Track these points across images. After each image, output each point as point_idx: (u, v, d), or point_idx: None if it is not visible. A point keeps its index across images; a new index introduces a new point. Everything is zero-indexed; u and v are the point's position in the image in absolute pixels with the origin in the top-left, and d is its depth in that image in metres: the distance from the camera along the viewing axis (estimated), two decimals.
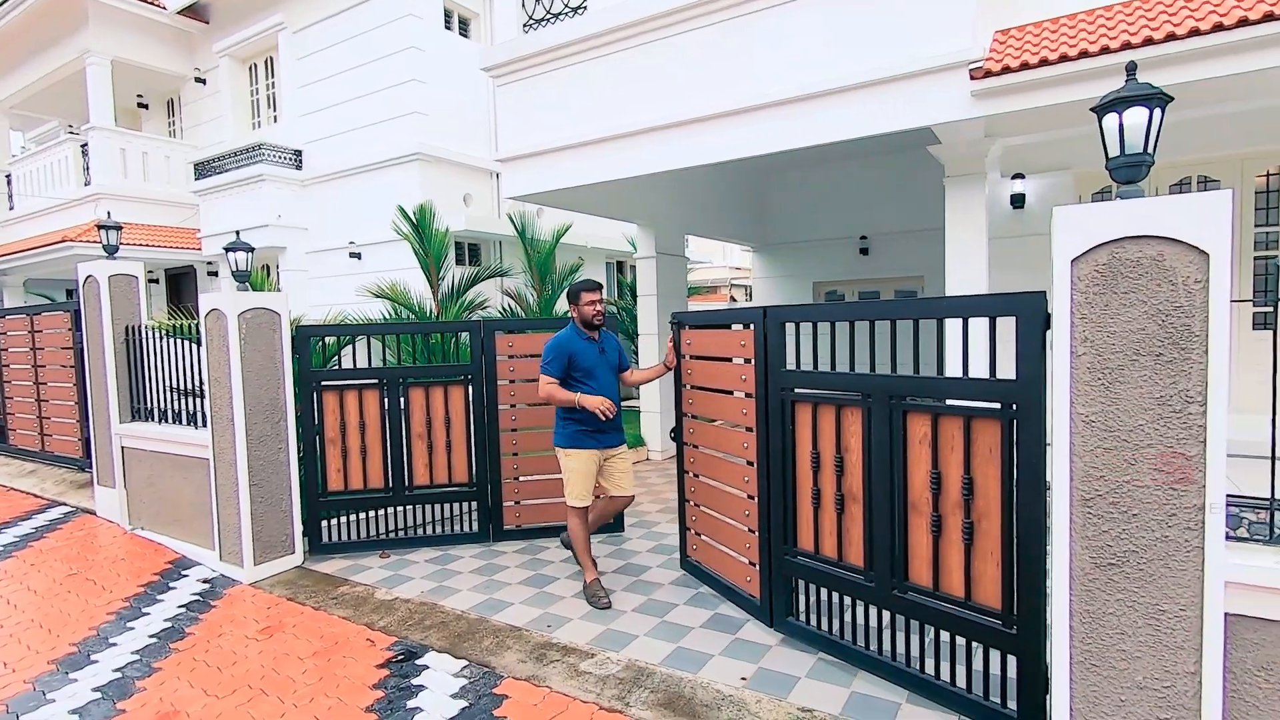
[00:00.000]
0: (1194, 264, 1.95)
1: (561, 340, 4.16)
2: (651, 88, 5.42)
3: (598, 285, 4.22)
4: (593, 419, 4.07)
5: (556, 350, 4.12)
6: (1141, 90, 2.09)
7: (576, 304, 4.18)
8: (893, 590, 3.06)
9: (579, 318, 4.18)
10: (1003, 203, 6.23)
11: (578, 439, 4.13)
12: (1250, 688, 2.00)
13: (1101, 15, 4.28)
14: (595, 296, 4.16)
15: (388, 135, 9.98)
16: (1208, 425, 1.96)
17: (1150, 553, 2.05)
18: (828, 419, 3.30)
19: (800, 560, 3.52)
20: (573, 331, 4.20)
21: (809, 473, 3.39)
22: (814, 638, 3.47)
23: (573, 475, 4.15)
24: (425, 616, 4.03)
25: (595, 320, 4.15)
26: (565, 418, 4.18)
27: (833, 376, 3.29)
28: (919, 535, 2.94)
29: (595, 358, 4.16)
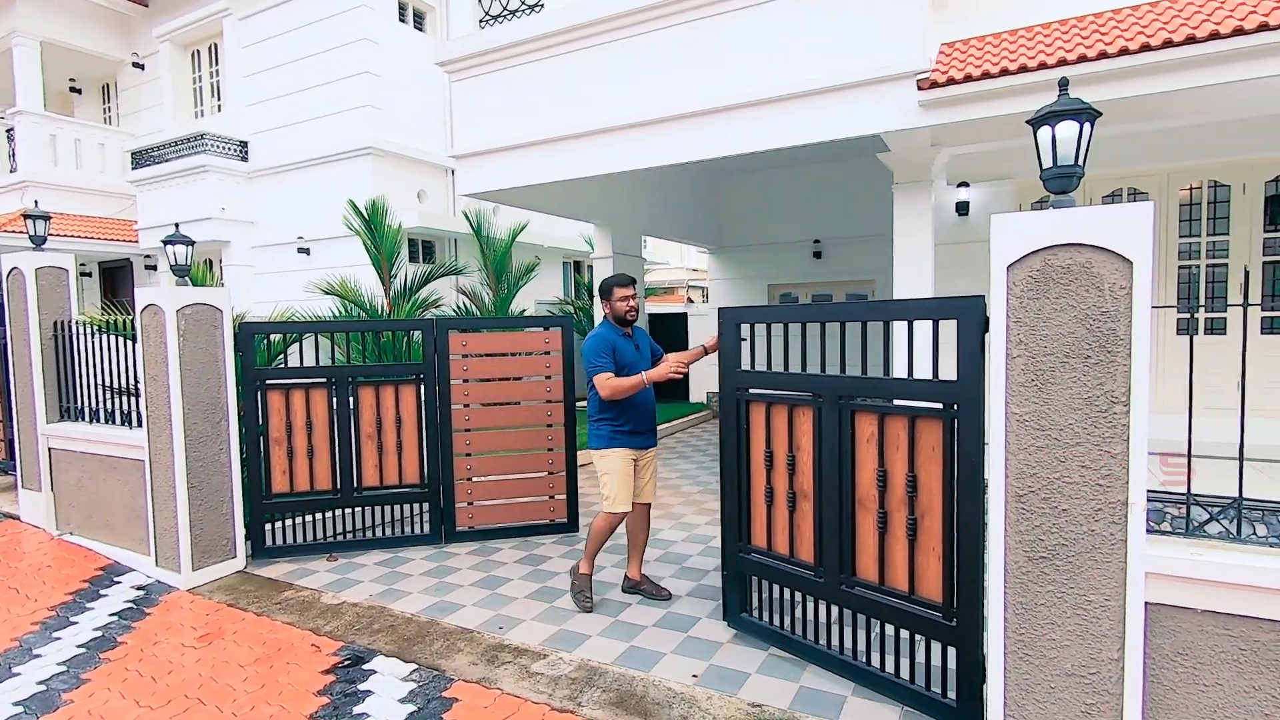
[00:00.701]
0: (1119, 271, 2.06)
1: (603, 335, 3.92)
2: (608, 88, 5.42)
3: (631, 280, 3.99)
4: (629, 418, 3.89)
5: (601, 344, 3.87)
6: (1072, 105, 2.19)
7: (609, 299, 3.96)
8: (841, 585, 3.13)
9: (612, 314, 3.97)
10: (949, 210, 6.44)
11: (614, 439, 3.90)
12: (1167, 672, 2.12)
13: (1041, 32, 4.47)
14: (629, 291, 3.93)
15: (339, 128, 9.74)
16: (1131, 424, 2.06)
17: (1078, 546, 2.15)
18: (780, 418, 3.36)
19: (754, 557, 3.58)
20: (608, 328, 3.97)
21: (763, 471, 3.45)
22: (767, 633, 3.53)
23: (610, 478, 3.90)
24: (374, 620, 3.95)
25: (629, 316, 3.93)
26: (599, 418, 3.94)
27: (786, 377, 3.35)
28: (866, 532, 3.02)
29: (633, 354, 3.96)
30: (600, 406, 3.93)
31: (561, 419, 5.31)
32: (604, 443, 3.93)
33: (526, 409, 5.34)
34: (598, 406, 3.94)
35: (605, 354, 3.84)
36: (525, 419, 5.34)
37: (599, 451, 3.95)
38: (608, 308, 3.99)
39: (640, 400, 3.94)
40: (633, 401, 3.90)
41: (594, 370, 3.84)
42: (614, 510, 3.93)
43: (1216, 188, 5.73)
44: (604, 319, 4.05)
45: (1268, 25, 3.50)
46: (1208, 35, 3.60)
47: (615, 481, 3.90)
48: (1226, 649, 2.05)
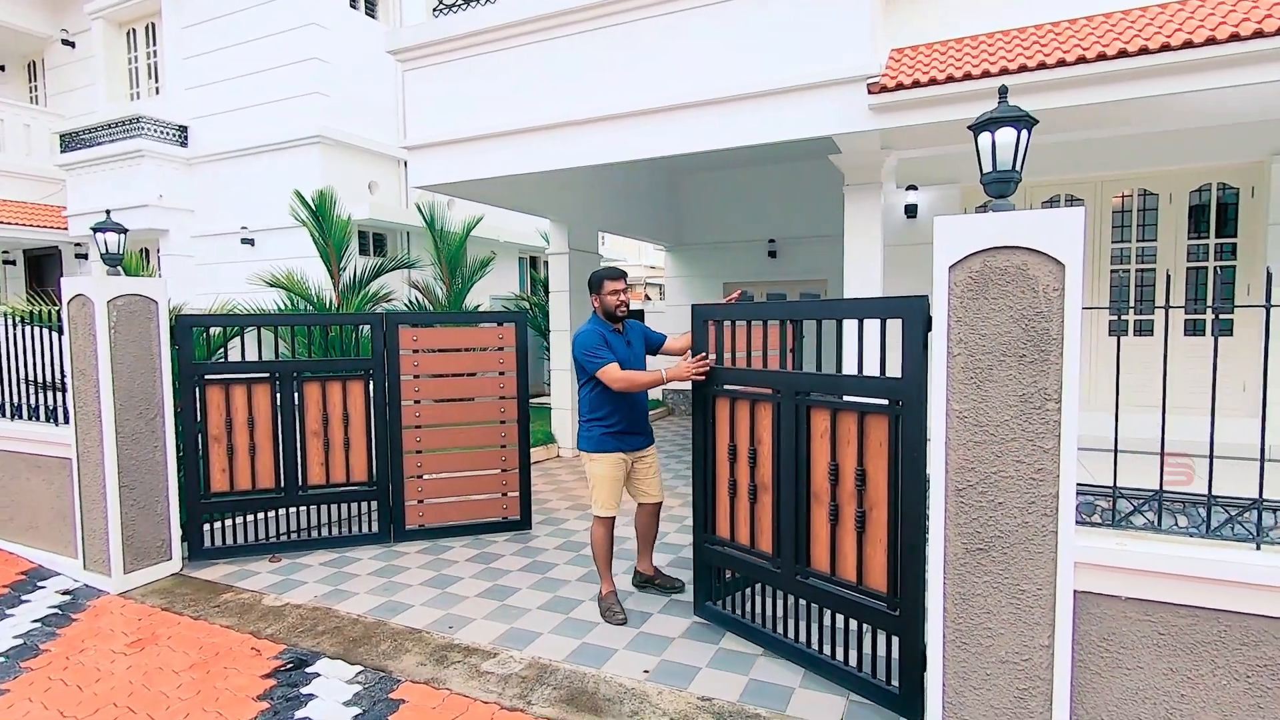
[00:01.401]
0: (1052, 273, 2.14)
1: (594, 330, 3.75)
2: (564, 83, 5.38)
3: (622, 273, 3.85)
4: (621, 418, 3.77)
5: (595, 338, 3.70)
6: (1011, 112, 2.27)
7: (598, 293, 3.81)
8: (796, 576, 3.21)
9: (601, 308, 3.82)
10: (898, 212, 6.60)
11: (603, 442, 3.78)
12: (1094, 657, 2.22)
13: (986, 41, 4.61)
14: (619, 285, 3.78)
15: (286, 115, 9.43)
16: (1062, 421, 2.15)
17: (1013, 537, 2.24)
18: (744, 413, 3.43)
19: (720, 548, 3.65)
20: (597, 323, 3.82)
21: (727, 464, 3.52)
22: (731, 622, 3.61)
23: (598, 482, 3.81)
24: (318, 622, 3.85)
25: (619, 311, 3.78)
26: (589, 419, 3.82)
27: (749, 373, 3.42)
28: (820, 524, 3.10)
29: (624, 350, 3.79)
30: (592, 406, 3.80)
31: (515, 415, 5.26)
32: (594, 446, 3.81)
33: (479, 405, 5.27)
34: (589, 406, 3.82)
35: (602, 347, 3.70)
36: (478, 415, 5.26)
37: (590, 455, 3.83)
38: (597, 301, 3.84)
39: (632, 399, 3.84)
40: (624, 401, 3.79)
41: (595, 365, 3.66)
42: (601, 514, 3.85)
43: (1146, 196, 6.01)
44: (593, 314, 3.91)
45: (1191, 43, 3.69)
46: (1137, 50, 3.77)
47: (604, 487, 3.81)
48: (1147, 634, 2.16)
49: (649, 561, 4.18)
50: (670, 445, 8.72)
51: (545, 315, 10.63)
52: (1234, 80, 3.68)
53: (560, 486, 6.77)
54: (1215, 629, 2.09)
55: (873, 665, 2.98)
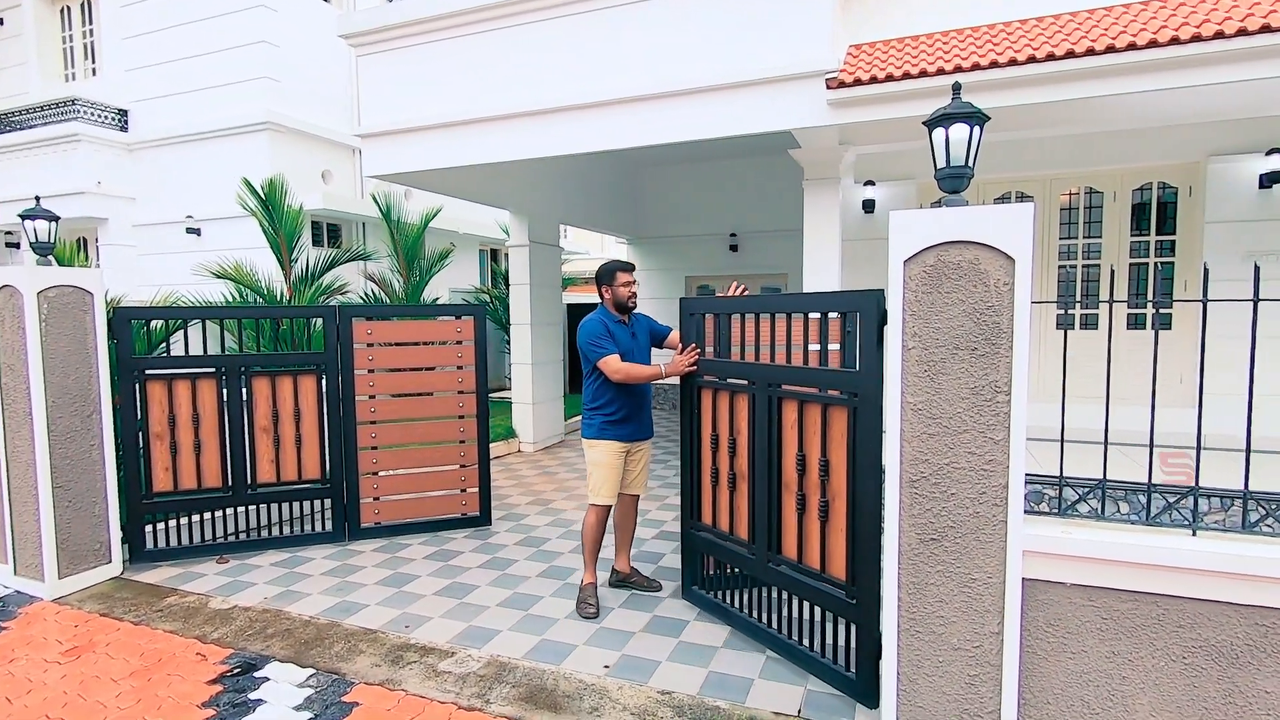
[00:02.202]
0: (1003, 268, 2.18)
1: (599, 320, 3.79)
2: (523, 72, 5.29)
3: (631, 266, 3.89)
4: (622, 408, 3.80)
5: (600, 329, 3.75)
6: (964, 108, 2.30)
7: (610, 284, 3.81)
8: (768, 562, 3.28)
9: (612, 300, 3.82)
10: (856, 207, 6.68)
11: (603, 430, 3.81)
12: (1040, 642, 2.28)
13: (941, 40, 4.68)
14: (630, 277, 3.83)
15: (233, 100, 9.09)
16: (1012, 413, 2.20)
17: (965, 527, 2.28)
18: (724, 403, 3.51)
19: (703, 534, 3.74)
20: (604, 314, 3.83)
21: (710, 453, 3.60)
22: (713, 606, 3.72)
23: (595, 469, 3.83)
24: (268, 625, 3.73)
25: (630, 303, 3.82)
26: (591, 407, 3.85)
27: (729, 364, 3.47)
28: (789, 512, 3.17)
29: (629, 342, 3.83)
30: (594, 395, 3.83)
31: (474, 410, 5.18)
32: (594, 433, 3.85)
33: (437, 400, 5.17)
34: (592, 395, 3.85)
35: (605, 338, 3.74)
36: (436, 410, 5.17)
37: (590, 441, 3.87)
38: (608, 293, 3.84)
39: (634, 391, 3.87)
40: (625, 392, 3.81)
41: (598, 355, 3.72)
42: (598, 502, 3.85)
43: (1091, 194, 6.21)
44: (600, 306, 3.91)
45: (1135, 45, 3.80)
46: (1084, 51, 3.87)
47: (600, 474, 3.82)
48: (1091, 619, 2.23)
49: (626, 559, 4.15)
50: None
51: (506, 308, 10.51)
52: (1175, 82, 3.81)
53: (521, 481, 6.70)
54: (1154, 613, 2.16)
55: (834, 653, 3.03)
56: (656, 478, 6.65)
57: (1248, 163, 5.50)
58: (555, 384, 8.56)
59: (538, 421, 8.11)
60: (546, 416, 8.33)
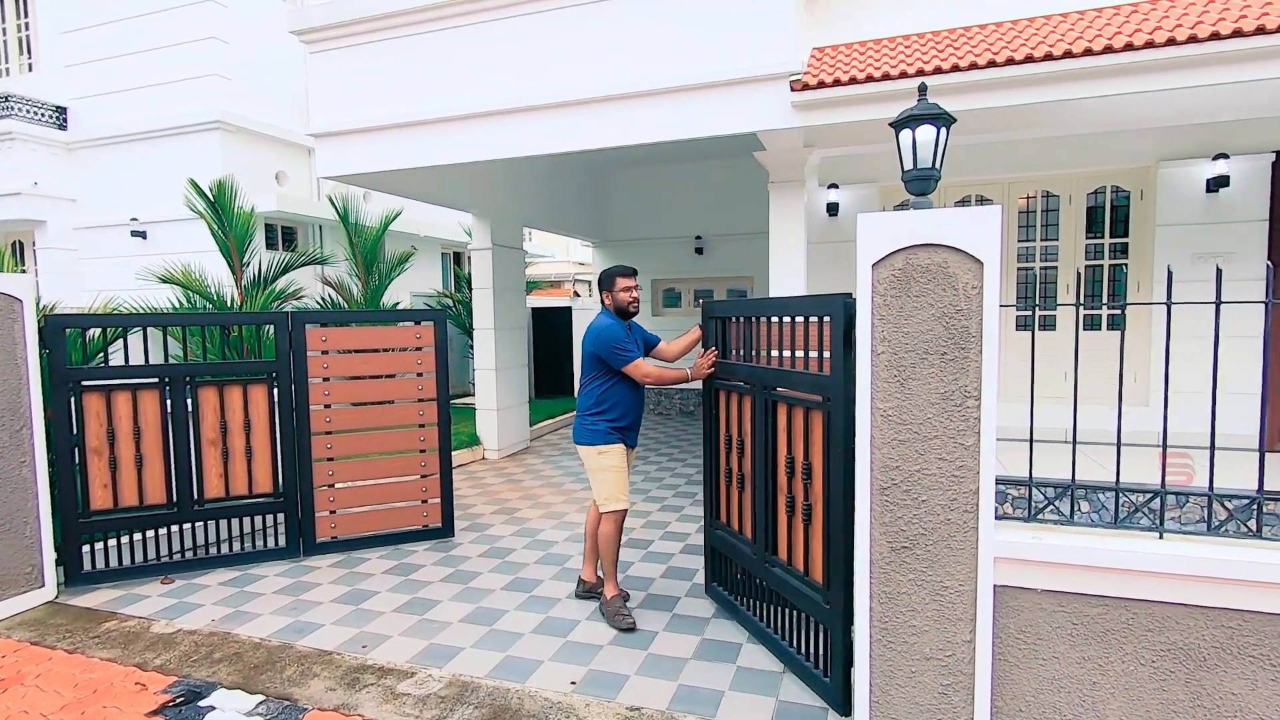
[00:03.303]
0: (971, 271, 2.15)
1: (617, 324, 3.71)
2: (482, 72, 5.16)
3: (633, 271, 3.81)
4: (628, 415, 3.73)
5: (621, 331, 3.66)
6: (930, 110, 2.27)
7: (610, 290, 3.74)
8: (765, 562, 3.29)
9: (613, 305, 3.74)
10: (820, 210, 6.70)
11: (611, 435, 3.71)
12: (1012, 649, 2.26)
13: (904, 44, 4.70)
14: (632, 282, 3.75)
15: (181, 98, 8.75)
16: (982, 418, 2.17)
17: (936, 535, 2.25)
18: (734, 406, 3.54)
19: (719, 532, 3.78)
20: (610, 318, 3.75)
21: (724, 453, 3.65)
22: (727, 604, 3.77)
23: (611, 474, 3.69)
24: (214, 649, 3.54)
25: (632, 309, 3.74)
26: (595, 413, 3.73)
27: (737, 366, 3.48)
28: (781, 513, 3.17)
29: (635, 348, 3.76)
30: (600, 400, 3.73)
31: (435, 418, 5.02)
32: (603, 438, 3.72)
33: (396, 409, 5.01)
34: (598, 400, 3.73)
35: (630, 341, 3.66)
36: (395, 419, 5.00)
37: (598, 448, 3.72)
38: (608, 299, 3.75)
39: (638, 396, 3.81)
40: (633, 399, 3.75)
41: (624, 359, 3.61)
42: (615, 508, 3.72)
43: (1048, 197, 6.32)
44: (603, 309, 3.80)
45: (1091, 51, 3.86)
46: (1043, 56, 3.92)
47: (615, 479, 3.70)
48: (1061, 624, 2.21)
49: (594, 569, 4.05)
50: None
51: (469, 312, 10.31)
52: (1129, 88, 3.87)
53: (486, 490, 6.55)
54: (1124, 617, 2.15)
55: (816, 657, 2.98)
56: (666, 486, 6.55)
57: (1196, 168, 5.66)
58: (520, 389, 8.41)
59: (503, 428, 7.96)
60: (512, 422, 8.18)
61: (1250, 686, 2.07)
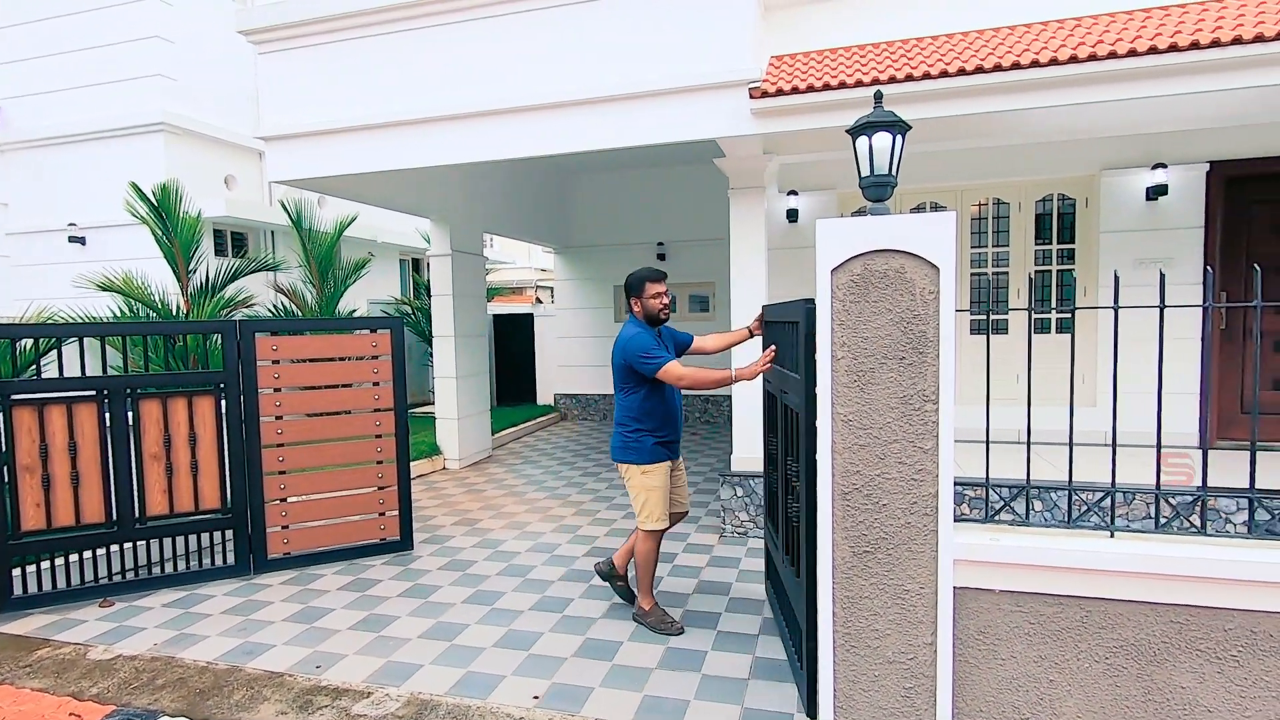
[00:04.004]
0: (928, 276, 2.18)
1: (646, 330, 3.56)
2: (441, 73, 5.08)
3: (663, 275, 3.63)
4: (670, 427, 3.60)
5: (650, 338, 3.51)
6: (886, 117, 2.29)
7: (639, 295, 3.58)
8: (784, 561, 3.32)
9: (643, 312, 3.58)
10: (780, 216, 6.77)
11: (656, 452, 3.57)
12: (972, 650, 2.28)
13: (859, 53, 4.78)
14: (662, 287, 3.58)
15: (123, 99, 8.42)
16: (940, 421, 2.19)
17: (896, 538, 2.26)
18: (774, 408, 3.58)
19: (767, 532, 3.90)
20: (639, 325, 3.59)
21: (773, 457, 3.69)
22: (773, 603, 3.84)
23: (654, 494, 3.58)
24: (157, 674, 3.37)
25: (663, 315, 3.58)
26: (636, 429, 3.58)
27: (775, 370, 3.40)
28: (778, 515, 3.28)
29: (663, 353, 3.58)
30: (640, 413, 3.57)
31: (392, 428, 4.90)
32: (648, 457, 3.58)
33: (352, 419, 4.87)
34: (638, 413, 3.57)
35: (658, 347, 3.50)
36: (350, 430, 4.86)
37: (643, 467, 3.58)
38: (637, 305, 3.60)
39: (677, 406, 3.69)
40: (671, 408, 3.61)
41: (655, 365, 3.41)
42: (654, 528, 3.61)
43: (999, 204, 6.50)
44: (630, 317, 3.65)
45: (1038, 62, 3.98)
46: (992, 67, 4.02)
47: (657, 499, 3.59)
48: (1019, 624, 2.24)
49: (626, 562, 3.97)
50: (562, 453, 8.54)
51: (429, 319, 10.13)
52: (1074, 99, 4.00)
53: (447, 501, 6.41)
54: (1078, 615, 2.19)
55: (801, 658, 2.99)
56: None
57: (1136, 176, 5.87)
58: (481, 397, 8.29)
59: (464, 437, 7.82)
60: (473, 431, 8.05)
61: (1198, 680, 2.12)
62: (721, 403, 10.24)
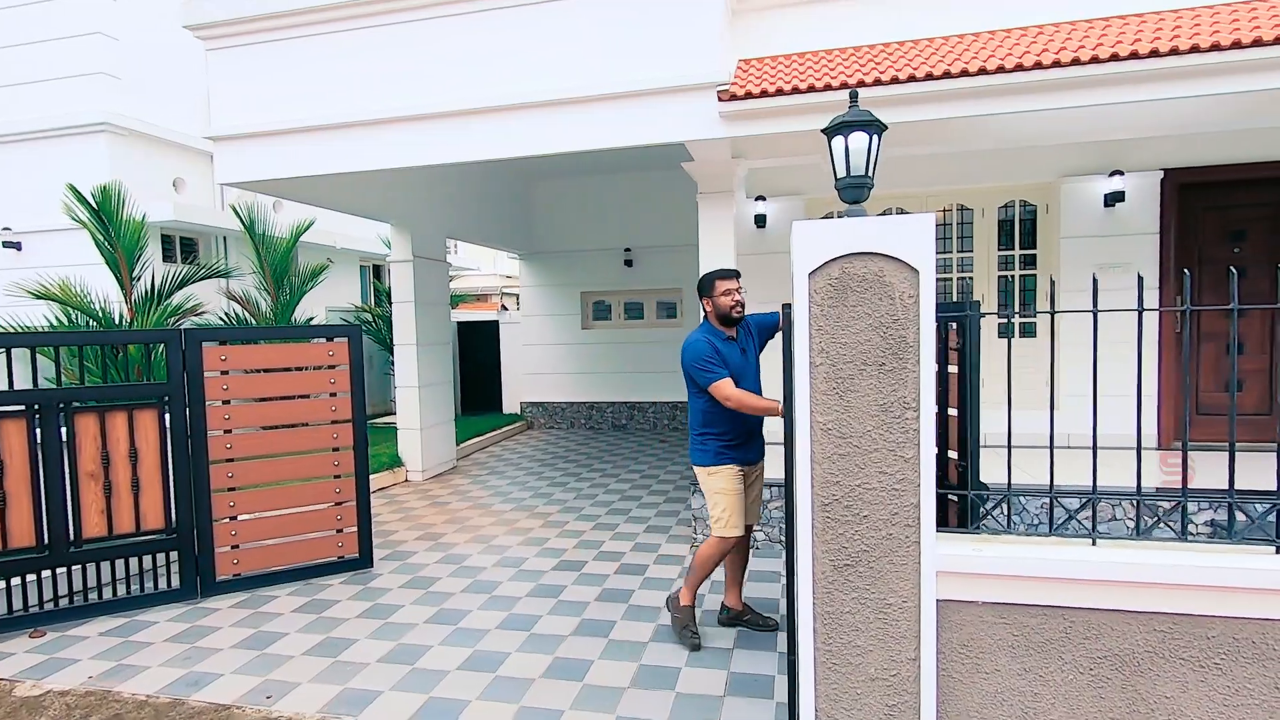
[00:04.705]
0: (908, 280, 2.12)
1: (704, 340, 3.41)
2: (398, 75, 4.90)
3: (734, 272, 3.48)
4: (739, 432, 3.45)
5: (705, 350, 3.37)
6: (862, 116, 2.23)
7: (710, 295, 3.46)
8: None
9: (714, 312, 3.46)
10: (748, 222, 6.73)
11: (720, 455, 3.46)
12: (955, 664, 2.22)
13: (826, 57, 4.76)
14: (733, 284, 3.42)
15: (63, 97, 8.02)
16: (921, 429, 2.13)
17: (878, 551, 2.18)
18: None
19: None
20: (707, 331, 3.47)
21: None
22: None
23: (721, 497, 3.45)
24: (91, 710, 3.12)
25: (735, 313, 3.41)
26: (703, 432, 3.50)
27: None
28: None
29: (738, 360, 3.44)
30: (705, 420, 3.49)
31: (350, 441, 4.69)
32: (711, 459, 3.49)
33: (308, 432, 4.64)
34: (702, 420, 3.50)
35: (713, 359, 3.36)
36: (306, 443, 4.64)
37: (708, 469, 3.50)
38: (709, 305, 3.50)
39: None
40: (737, 413, 3.44)
41: (706, 379, 3.34)
42: (725, 534, 3.45)
43: (963, 210, 6.57)
44: (704, 320, 3.55)
45: (1004, 68, 4.00)
46: (959, 72, 4.03)
47: (724, 502, 3.45)
48: (1003, 636, 2.19)
49: (738, 595, 3.77)
50: (529, 463, 8.36)
51: (390, 327, 9.87)
52: (1038, 104, 4.03)
53: (409, 515, 6.19)
54: (1062, 626, 2.15)
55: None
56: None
57: (1094, 183, 5.98)
58: (445, 407, 8.07)
59: (427, 448, 7.59)
60: (436, 442, 7.82)
61: (1182, 689, 2.09)
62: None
